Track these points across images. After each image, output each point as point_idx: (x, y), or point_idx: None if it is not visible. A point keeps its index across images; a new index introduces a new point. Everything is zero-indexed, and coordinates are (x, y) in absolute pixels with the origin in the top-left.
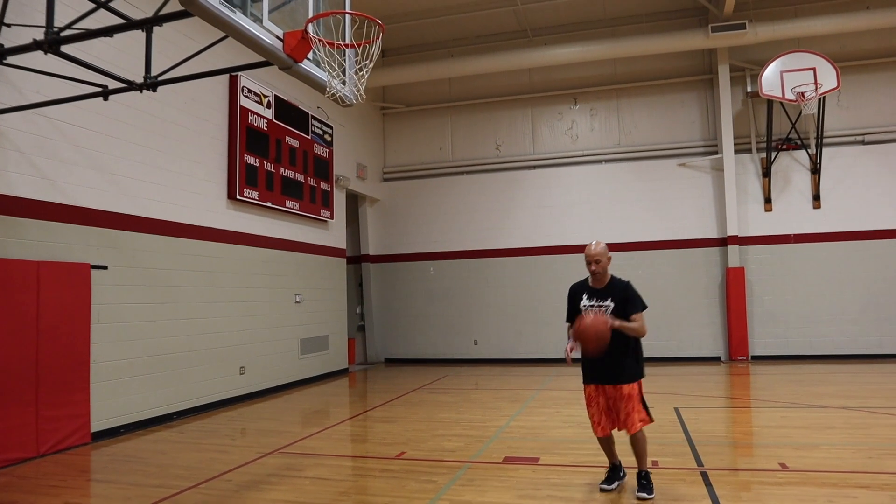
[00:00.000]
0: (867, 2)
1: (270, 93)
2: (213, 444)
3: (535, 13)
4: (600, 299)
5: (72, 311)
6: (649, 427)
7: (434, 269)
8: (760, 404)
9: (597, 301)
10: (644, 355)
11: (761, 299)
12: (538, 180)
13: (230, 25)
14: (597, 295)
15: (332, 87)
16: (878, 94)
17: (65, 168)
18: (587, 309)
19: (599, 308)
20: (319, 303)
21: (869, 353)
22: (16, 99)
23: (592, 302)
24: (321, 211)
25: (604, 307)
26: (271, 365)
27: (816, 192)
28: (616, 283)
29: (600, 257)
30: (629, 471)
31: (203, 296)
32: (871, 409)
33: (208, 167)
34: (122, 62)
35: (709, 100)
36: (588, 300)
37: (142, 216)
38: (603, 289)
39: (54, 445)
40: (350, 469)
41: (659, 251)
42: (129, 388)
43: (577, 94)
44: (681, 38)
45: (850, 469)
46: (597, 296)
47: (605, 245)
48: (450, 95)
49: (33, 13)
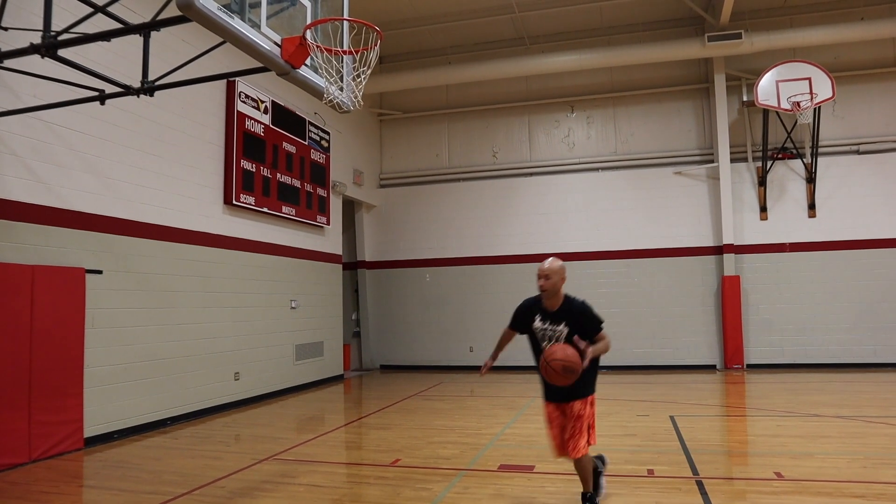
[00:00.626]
0: (861, 13)
1: (268, 98)
2: (208, 450)
3: (532, 21)
4: (553, 323)
5: (66, 316)
6: (644, 435)
7: (430, 276)
8: (756, 413)
9: (550, 325)
10: (638, 363)
11: (757, 308)
12: (535, 187)
13: (228, 31)
14: (550, 318)
15: (330, 94)
16: (873, 104)
17: (61, 172)
18: (544, 334)
19: (553, 332)
20: (315, 309)
21: (864, 361)
22: (12, 102)
23: (546, 325)
24: (317, 217)
25: (557, 332)
26: (266, 371)
27: (812, 201)
28: (570, 305)
29: (551, 274)
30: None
31: (198, 301)
32: (866, 419)
33: (205, 172)
34: (119, 67)
35: (705, 109)
36: (541, 322)
37: (137, 221)
38: (556, 311)
39: (46, 451)
40: (345, 476)
41: (655, 259)
42: (123, 394)
43: (573, 102)
44: (677, 48)
45: (846, 478)
46: (550, 319)
47: (562, 265)
48: (447, 102)
49: (31, 17)
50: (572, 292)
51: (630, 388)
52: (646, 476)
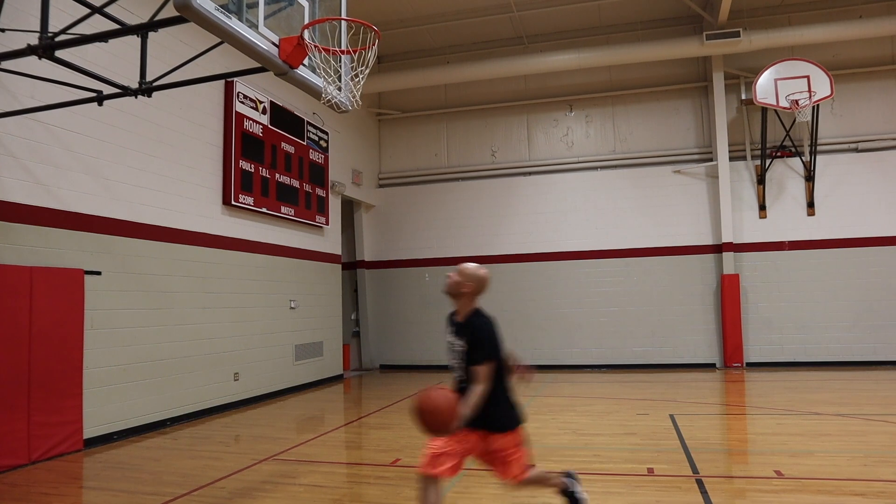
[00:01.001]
0: (860, 11)
1: (266, 99)
2: (207, 450)
3: (530, 20)
4: (457, 336)
5: (65, 317)
6: (644, 434)
7: (429, 276)
8: (755, 411)
9: (455, 337)
10: (637, 362)
11: (756, 306)
12: (534, 187)
13: (226, 31)
14: (455, 330)
15: (328, 93)
16: (871, 103)
17: (59, 173)
18: (451, 346)
19: (454, 346)
20: (314, 309)
21: (864, 360)
22: (10, 104)
23: (452, 339)
24: (316, 217)
25: (457, 346)
26: (266, 371)
27: (811, 200)
28: (475, 320)
29: (458, 275)
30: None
31: (197, 301)
32: (866, 417)
33: (203, 173)
34: (117, 67)
35: (703, 107)
36: (450, 334)
37: (136, 221)
38: (462, 323)
39: (46, 452)
40: (345, 476)
41: (654, 258)
42: (123, 395)
43: (572, 101)
44: (675, 46)
45: (846, 476)
46: (455, 332)
47: (481, 274)
48: (445, 102)
49: (28, 18)
50: (573, 291)
51: (630, 387)
52: (646, 475)
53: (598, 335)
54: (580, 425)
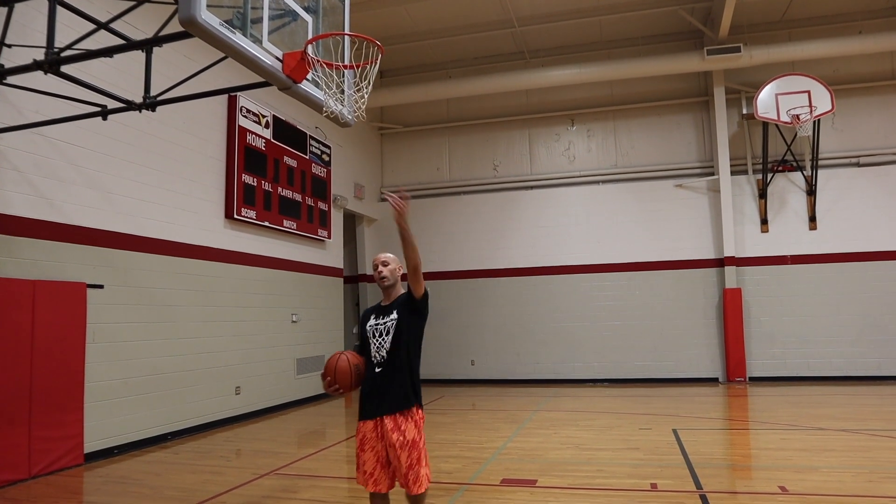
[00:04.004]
0: (860, 27)
1: (269, 113)
2: (208, 465)
3: (532, 35)
4: (385, 315)
5: (67, 331)
6: (647, 449)
7: (431, 290)
8: (759, 426)
9: (382, 318)
10: (640, 376)
11: (759, 320)
12: (535, 201)
13: (230, 46)
14: (383, 312)
15: (331, 108)
16: (872, 117)
17: (62, 187)
18: (374, 330)
19: (383, 325)
20: (316, 322)
21: (868, 374)
22: (15, 118)
23: (378, 321)
24: (318, 230)
25: (389, 322)
26: (267, 385)
27: (812, 214)
28: (403, 295)
29: (386, 259)
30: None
31: (199, 315)
32: (870, 432)
33: (206, 186)
34: (121, 82)
35: (705, 122)
36: (374, 320)
37: (139, 235)
38: (390, 304)
39: (46, 466)
40: (346, 491)
41: (656, 272)
42: (124, 409)
43: (574, 116)
44: (676, 61)
45: (851, 492)
46: (382, 313)
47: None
48: (447, 116)
49: (34, 34)
50: (575, 305)
51: (632, 402)
52: (649, 490)
53: (600, 349)
54: (582, 440)
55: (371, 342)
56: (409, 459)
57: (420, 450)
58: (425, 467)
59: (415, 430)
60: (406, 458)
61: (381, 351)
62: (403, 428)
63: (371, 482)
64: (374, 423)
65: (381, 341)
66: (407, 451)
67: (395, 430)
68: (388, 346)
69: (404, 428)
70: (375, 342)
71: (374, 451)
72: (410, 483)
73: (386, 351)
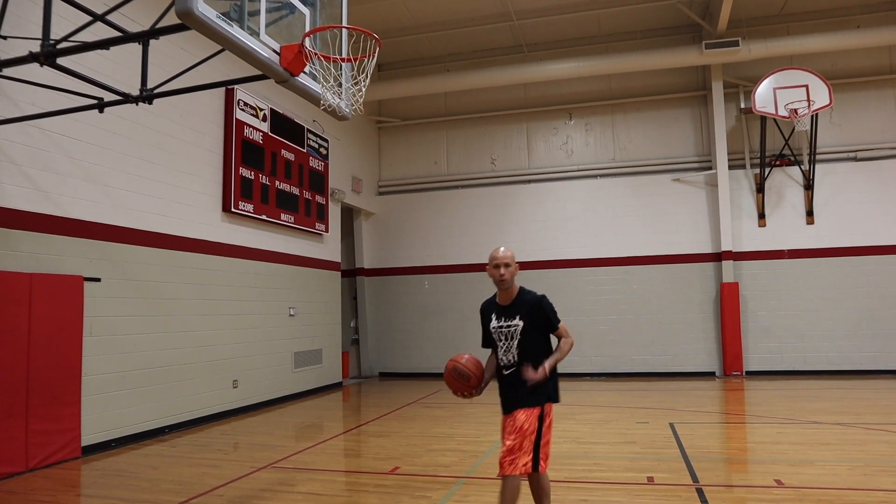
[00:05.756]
0: (858, 21)
1: (266, 106)
2: (206, 458)
3: (530, 29)
4: (508, 318)
5: (64, 324)
6: (644, 443)
7: (428, 283)
8: (755, 420)
9: (505, 321)
10: (637, 370)
11: (755, 315)
12: (533, 195)
13: (227, 39)
14: (504, 314)
15: (328, 101)
16: (870, 112)
17: (59, 180)
18: (499, 333)
19: (508, 328)
20: (313, 316)
21: (863, 368)
22: (11, 111)
23: (502, 322)
24: (316, 224)
25: (512, 327)
26: (265, 378)
27: (810, 208)
28: (525, 297)
29: (510, 261)
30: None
31: (196, 309)
32: (865, 426)
33: (203, 180)
34: (118, 75)
35: (703, 116)
36: (497, 320)
37: (136, 228)
38: (510, 305)
39: (44, 460)
40: (343, 484)
41: (653, 266)
42: (121, 402)
43: (572, 110)
44: (675, 55)
45: (846, 486)
46: (505, 315)
47: (514, 253)
48: (445, 110)
49: (30, 25)
50: (572, 299)
51: (629, 396)
52: (645, 483)
53: (598, 343)
54: (580, 434)
55: (498, 345)
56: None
57: (526, 437)
58: (526, 455)
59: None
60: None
61: (507, 355)
62: (523, 417)
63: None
64: (505, 417)
65: (507, 345)
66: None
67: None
68: (514, 350)
69: (523, 417)
70: (502, 345)
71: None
72: (503, 462)
73: (513, 355)
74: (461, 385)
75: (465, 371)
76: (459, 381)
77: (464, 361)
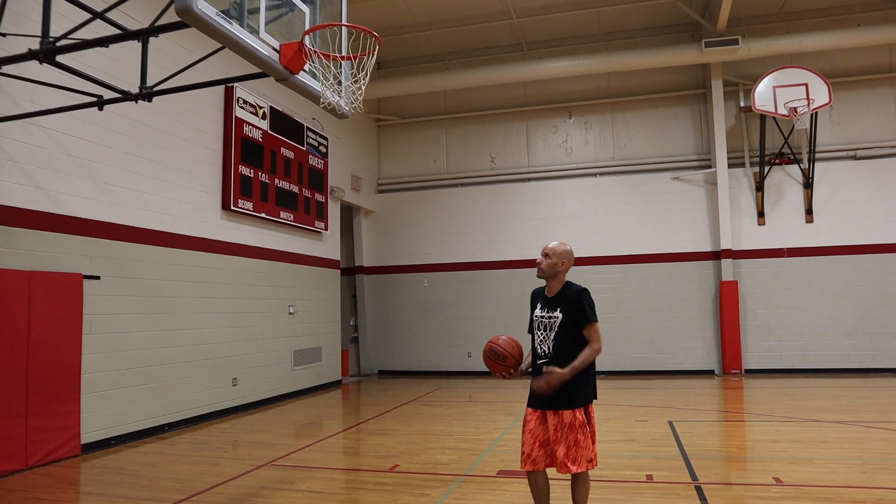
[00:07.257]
0: (858, 19)
1: (266, 104)
2: (205, 456)
3: (530, 27)
4: (550, 309)
5: (63, 322)
6: (643, 441)
7: (428, 281)
8: (754, 418)
9: (547, 311)
10: (636, 368)
11: (755, 313)
12: (532, 193)
13: (227, 37)
14: (548, 304)
15: (328, 99)
16: (869, 110)
17: (58, 177)
18: (540, 322)
19: (548, 319)
20: (313, 314)
21: (862, 367)
22: (10, 108)
23: (543, 312)
24: (315, 222)
25: (552, 319)
26: (264, 376)
27: (809, 207)
28: (569, 290)
29: (551, 253)
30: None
31: (196, 306)
32: (864, 424)
33: (203, 178)
34: (117, 72)
35: (702, 114)
36: (540, 310)
37: (135, 226)
38: (554, 297)
39: (43, 457)
40: (343, 482)
41: (652, 264)
42: (121, 400)
43: (571, 108)
44: (674, 53)
45: (845, 484)
46: (548, 305)
47: (568, 249)
48: (445, 108)
49: (29, 22)
50: None
51: (628, 394)
52: (644, 481)
53: None
54: None
55: (536, 333)
56: (566, 445)
57: (576, 434)
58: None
59: (573, 417)
60: (562, 444)
61: (543, 345)
62: (555, 421)
63: (529, 462)
64: (537, 413)
65: (545, 335)
66: (564, 435)
67: (553, 419)
68: (550, 341)
69: (556, 422)
70: (539, 335)
71: (534, 434)
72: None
73: (549, 346)
74: (498, 365)
75: (501, 352)
76: (496, 361)
77: (501, 342)
